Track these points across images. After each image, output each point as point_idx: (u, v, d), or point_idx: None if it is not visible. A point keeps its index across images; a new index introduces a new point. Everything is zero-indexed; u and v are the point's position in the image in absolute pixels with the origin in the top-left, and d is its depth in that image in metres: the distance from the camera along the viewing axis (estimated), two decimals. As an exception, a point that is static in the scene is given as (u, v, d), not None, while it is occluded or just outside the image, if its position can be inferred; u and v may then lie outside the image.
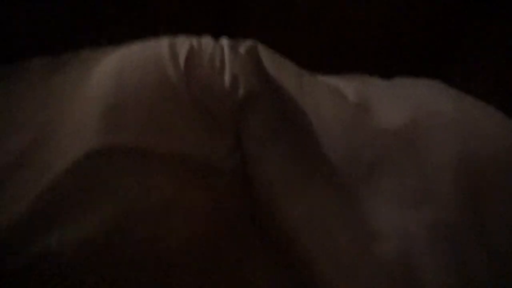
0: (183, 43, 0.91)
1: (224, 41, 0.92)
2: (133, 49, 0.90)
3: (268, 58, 0.92)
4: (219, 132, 0.84)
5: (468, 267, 0.79)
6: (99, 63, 0.89)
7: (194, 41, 0.92)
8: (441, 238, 0.80)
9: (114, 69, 0.86)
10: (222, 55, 0.89)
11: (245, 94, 0.84)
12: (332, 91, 0.90)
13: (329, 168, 0.85)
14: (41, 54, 0.96)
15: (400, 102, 0.90)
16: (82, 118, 0.82)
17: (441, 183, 0.82)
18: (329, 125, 0.86)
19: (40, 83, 0.90)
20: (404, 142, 0.85)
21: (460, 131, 0.87)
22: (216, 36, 0.93)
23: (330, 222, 0.82)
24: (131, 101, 0.81)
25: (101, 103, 0.81)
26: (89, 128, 0.80)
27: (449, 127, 0.88)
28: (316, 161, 0.85)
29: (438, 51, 1.19)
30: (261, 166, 0.83)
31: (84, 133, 0.80)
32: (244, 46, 0.91)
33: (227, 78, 0.86)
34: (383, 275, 0.78)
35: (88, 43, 0.96)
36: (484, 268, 0.79)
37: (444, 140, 0.85)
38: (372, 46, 1.13)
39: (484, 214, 0.82)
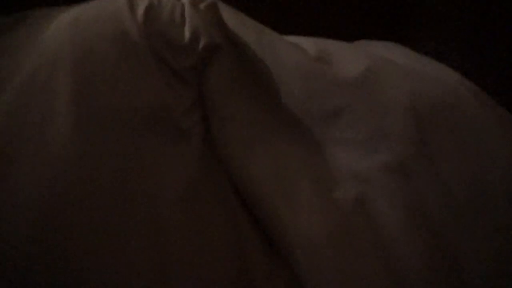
0: (142, 1, 0.90)
1: (187, 1, 0.91)
2: (89, 4, 0.88)
3: (229, 14, 0.91)
4: (180, 85, 0.83)
5: (420, 198, 0.82)
6: (54, 19, 0.87)
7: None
8: (395, 177, 0.82)
9: (68, 22, 0.84)
10: (182, 10, 0.88)
11: (205, 46, 0.84)
12: (292, 45, 0.91)
13: (290, 118, 0.86)
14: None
15: (357, 55, 0.92)
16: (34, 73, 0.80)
17: (392, 124, 0.85)
18: (289, 75, 0.86)
19: None
20: (360, 90, 0.87)
21: (410, 76, 0.91)
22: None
23: (292, 173, 0.82)
24: (87, 54, 0.79)
25: (55, 56, 0.79)
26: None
27: (400, 72, 0.91)
28: (277, 112, 0.86)
29: (395, 18, 1.22)
30: (224, 123, 0.83)
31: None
32: (204, 2, 0.91)
33: (187, 31, 0.85)
34: (343, 221, 0.79)
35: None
36: (436, 198, 0.82)
37: (395, 84, 0.88)
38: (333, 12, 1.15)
39: (432, 146, 0.86)
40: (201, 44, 0.84)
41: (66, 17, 0.86)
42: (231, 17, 0.91)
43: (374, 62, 0.90)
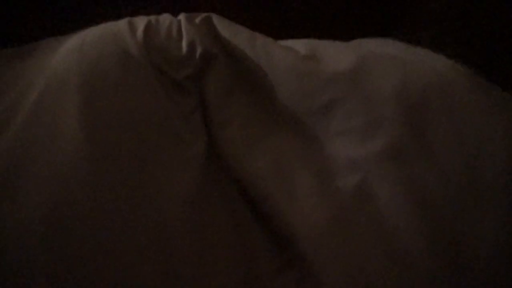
0: (142, 20, 0.97)
1: (182, 15, 0.98)
2: (92, 29, 0.95)
3: (222, 25, 0.97)
4: (180, 94, 0.89)
5: (418, 182, 0.84)
6: (61, 45, 0.94)
7: (152, 17, 0.98)
8: (393, 162, 0.85)
9: (74, 46, 0.90)
10: (179, 26, 0.95)
11: (202, 56, 0.90)
12: (284, 47, 0.96)
13: (287, 116, 0.90)
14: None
15: (347, 50, 0.96)
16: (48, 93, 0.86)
17: (385, 111, 0.87)
18: (283, 75, 0.91)
19: (6, 69, 0.94)
20: (351, 82, 0.90)
21: (400, 65, 0.93)
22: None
23: (293, 168, 0.87)
24: (92, 74, 0.85)
25: (63, 78, 0.86)
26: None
27: (390, 63, 0.93)
28: (274, 111, 0.91)
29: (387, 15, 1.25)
30: (223, 127, 0.88)
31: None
32: (199, 17, 0.97)
33: (184, 44, 0.92)
34: (345, 208, 0.83)
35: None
36: (434, 181, 0.84)
37: (385, 74, 0.91)
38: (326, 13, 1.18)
39: (427, 130, 0.88)
40: (198, 54, 0.90)
41: (72, 42, 0.93)
42: (225, 28, 0.97)
43: (364, 55, 0.94)
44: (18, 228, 0.73)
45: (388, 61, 0.93)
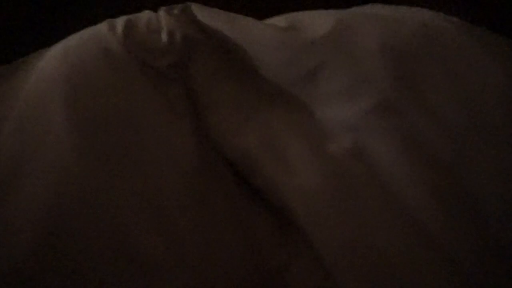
0: (121, 19, 0.97)
1: (161, 8, 0.98)
2: (73, 36, 0.97)
3: (201, 11, 0.97)
4: (165, 83, 0.89)
5: (414, 134, 0.82)
6: (46, 53, 0.95)
7: (132, 15, 0.99)
8: (384, 116, 0.83)
9: (58, 51, 0.92)
10: (158, 18, 0.96)
11: (183, 42, 0.91)
12: (263, 23, 0.96)
13: (273, 89, 0.90)
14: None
15: (325, 15, 0.95)
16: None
17: (371, 67, 0.86)
18: (264, 50, 0.91)
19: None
20: (332, 45, 0.89)
21: (382, 21, 0.91)
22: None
23: (284, 139, 0.86)
24: (75, 74, 0.87)
25: (49, 81, 0.87)
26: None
27: (371, 20, 0.92)
28: (261, 87, 0.91)
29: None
30: (213, 109, 0.89)
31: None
32: (178, 7, 0.98)
33: (164, 35, 0.92)
34: (340, 170, 0.82)
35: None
36: (430, 127, 0.82)
37: (367, 30, 0.89)
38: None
39: (416, 78, 0.85)
40: (178, 42, 0.91)
41: (55, 48, 0.95)
42: (204, 13, 0.97)
43: (342, 17, 0.92)
44: (19, 220, 0.74)
45: (369, 18, 0.92)
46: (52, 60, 0.91)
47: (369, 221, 0.79)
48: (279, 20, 0.97)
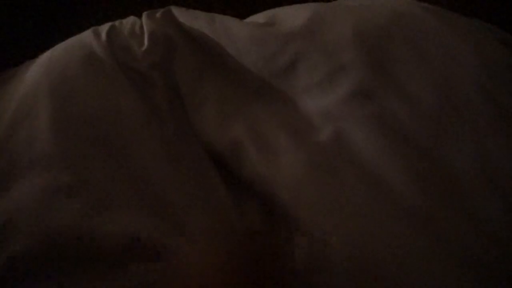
0: (106, 25, 1.00)
1: (144, 13, 1.01)
2: (59, 44, 0.99)
3: (182, 14, 1.01)
4: (147, 84, 0.92)
5: (390, 118, 0.84)
6: (34, 62, 0.97)
7: (116, 21, 1.02)
8: (362, 103, 0.85)
9: (44, 58, 0.95)
10: (141, 23, 0.98)
11: (164, 43, 0.94)
12: (242, 21, 0.99)
13: (255, 83, 0.93)
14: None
15: (300, 8, 0.97)
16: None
17: (346, 56, 0.88)
18: (244, 46, 0.93)
19: None
20: (308, 37, 0.91)
21: (356, 10, 0.95)
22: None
23: (270, 131, 0.88)
24: (61, 79, 0.89)
25: (36, 86, 0.89)
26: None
27: (344, 10, 0.95)
28: (243, 81, 0.93)
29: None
30: (200, 105, 0.91)
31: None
32: (160, 11, 1.00)
33: (146, 38, 0.95)
34: (324, 158, 0.83)
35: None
36: (406, 111, 0.84)
37: (341, 20, 0.92)
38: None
39: (391, 65, 0.88)
40: (160, 43, 0.94)
41: (42, 57, 0.97)
42: (184, 16, 1.00)
43: (317, 9, 0.95)
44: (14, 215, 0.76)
45: (340, 10, 0.95)
46: (38, 68, 0.93)
47: (355, 205, 0.80)
48: (258, 17, 1.00)
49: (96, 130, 0.83)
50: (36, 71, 0.93)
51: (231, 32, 0.95)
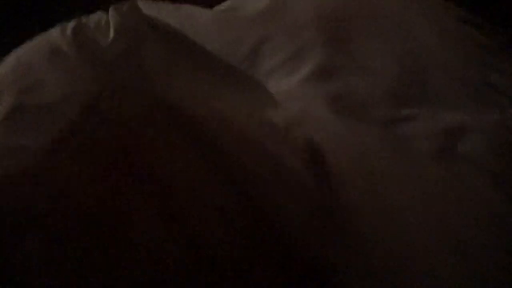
0: (72, 21, 1.01)
1: (110, 8, 1.02)
2: (27, 43, 1.00)
3: (147, 6, 1.01)
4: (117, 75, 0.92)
5: (351, 94, 0.86)
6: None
7: (83, 17, 1.02)
8: (323, 82, 0.88)
9: (13, 56, 0.95)
10: (107, 18, 0.99)
11: (130, 36, 0.93)
12: (206, 10, 1.00)
13: (223, 67, 0.93)
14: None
15: None
16: None
17: (307, 36, 0.90)
18: (208, 34, 0.95)
19: None
20: (270, 20, 0.93)
21: None
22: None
23: (242, 116, 0.89)
24: (25, 74, 0.89)
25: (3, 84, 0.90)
26: None
27: None
28: (211, 67, 0.94)
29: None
30: (168, 89, 0.91)
31: None
32: (125, 5, 1.01)
33: (111, 30, 0.95)
34: (287, 139, 0.84)
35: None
36: (365, 86, 0.86)
37: (300, 3, 0.93)
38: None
39: (352, 42, 0.91)
40: (126, 35, 0.93)
41: (12, 54, 0.98)
42: (150, 8, 1.01)
43: None
44: None
45: None
46: (8, 63, 0.94)
47: None
48: (222, 5, 1.01)
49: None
50: (7, 64, 0.94)
51: (195, 21, 0.96)
